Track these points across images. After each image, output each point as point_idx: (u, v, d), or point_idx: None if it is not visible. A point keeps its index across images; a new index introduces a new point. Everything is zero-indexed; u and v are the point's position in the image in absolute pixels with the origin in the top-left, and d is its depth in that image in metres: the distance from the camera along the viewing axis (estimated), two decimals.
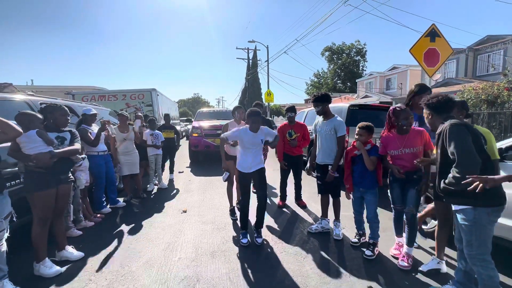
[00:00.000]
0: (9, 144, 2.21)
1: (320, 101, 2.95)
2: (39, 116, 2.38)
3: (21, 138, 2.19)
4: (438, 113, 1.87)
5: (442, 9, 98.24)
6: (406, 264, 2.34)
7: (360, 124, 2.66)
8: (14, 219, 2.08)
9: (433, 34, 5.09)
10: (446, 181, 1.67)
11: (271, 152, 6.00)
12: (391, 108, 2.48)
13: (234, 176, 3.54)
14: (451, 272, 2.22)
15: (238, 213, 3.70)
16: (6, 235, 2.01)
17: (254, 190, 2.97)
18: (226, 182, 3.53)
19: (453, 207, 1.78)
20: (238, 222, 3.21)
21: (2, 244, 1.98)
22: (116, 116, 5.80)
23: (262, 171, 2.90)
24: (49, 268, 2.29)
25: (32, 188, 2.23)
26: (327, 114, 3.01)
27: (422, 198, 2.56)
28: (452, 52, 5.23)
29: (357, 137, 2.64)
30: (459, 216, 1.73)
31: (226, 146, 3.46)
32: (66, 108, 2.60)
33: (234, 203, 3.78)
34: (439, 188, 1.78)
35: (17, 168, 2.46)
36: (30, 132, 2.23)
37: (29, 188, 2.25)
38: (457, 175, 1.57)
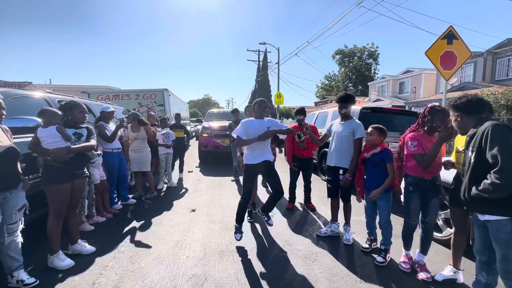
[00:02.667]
0: (29, 138, 2.29)
1: (349, 101, 2.89)
2: (59, 112, 2.46)
3: (42, 133, 2.28)
4: (469, 114, 1.74)
5: (459, 11, 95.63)
6: (429, 275, 2.23)
7: (373, 125, 2.60)
8: (27, 211, 2.15)
9: (450, 36, 4.94)
10: (480, 187, 1.49)
11: (281, 153, 5.97)
12: (429, 105, 2.28)
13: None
14: (467, 283, 2.13)
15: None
16: (21, 226, 2.08)
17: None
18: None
19: (483, 217, 1.61)
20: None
21: (17, 236, 2.05)
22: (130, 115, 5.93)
23: (270, 163, 2.86)
24: (62, 260, 2.35)
25: (49, 181, 2.30)
26: (347, 116, 2.96)
27: None
28: (470, 55, 5.07)
29: (367, 136, 2.59)
30: (492, 228, 1.56)
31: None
32: (84, 106, 2.68)
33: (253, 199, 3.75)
34: (468, 195, 1.59)
35: (37, 162, 2.54)
36: (50, 127, 2.31)
37: (46, 181, 2.32)
38: (497, 181, 1.38)
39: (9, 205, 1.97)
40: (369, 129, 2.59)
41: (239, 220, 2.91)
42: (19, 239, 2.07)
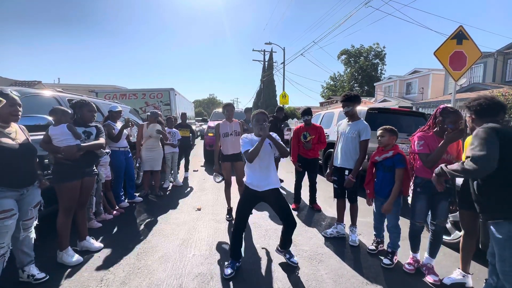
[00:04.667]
0: (41, 136, 2.34)
1: (351, 101, 2.85)
2: (69, 111, 2.51)
3: (53, 131, 2.32)
4: (480, 117, 1.69)
5: (469, 10, 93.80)
6: (437, 279, 2.20)
7: (382, 127, 2.58)
8: (42, 208, 2.20)
9: (460, 36, 4.86)
10: (459, 168, 1.58)
11: None
12: (441, 106, 2.23)
13: (234, 178, 3.56)
14: (477, 287, 2.10)
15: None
16: (35, 223, 2.13)
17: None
18: (223, 185, 3.58)
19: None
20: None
21: (31, 232, 2.10)
22: (136, 114, 6.01)
23: (277, 192, 2.33)
24: (71, 256, 2.39)
25: (59, 179, 2.35)
26: (353, 116, 2.92)
27: None
28: (481, 55, 4.97)
29: (379, 139, 2.56)
30: (492, 229, 1.59)
31: (223, 145, 3.49)
32: (93, 105, 2.73)
33: (232, 204, 3.69)
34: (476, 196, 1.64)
35: (47, 160, 2.60)
36: (61, 125, 2.36)
37: (57, 179, 2.36)
38: (467, 167, 1.50)
39: (26, 202, 2.01)
40: (379, 131, 2.56)
41: (235, 254, 2.33)
42: (33, 235, 2.12)
